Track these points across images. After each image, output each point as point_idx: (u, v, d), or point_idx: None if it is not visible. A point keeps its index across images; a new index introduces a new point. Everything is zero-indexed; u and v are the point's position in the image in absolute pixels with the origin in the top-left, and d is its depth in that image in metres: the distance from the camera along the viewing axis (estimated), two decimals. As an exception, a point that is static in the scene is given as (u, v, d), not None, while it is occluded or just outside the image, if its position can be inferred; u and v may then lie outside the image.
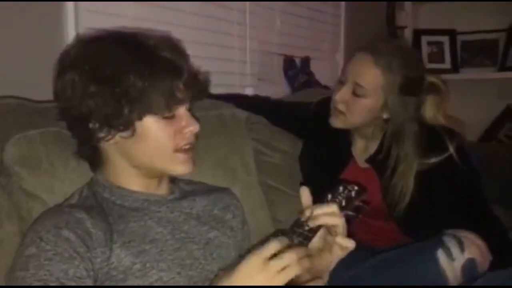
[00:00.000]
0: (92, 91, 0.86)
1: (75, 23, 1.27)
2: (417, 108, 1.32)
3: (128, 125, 0.87)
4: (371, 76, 1.28)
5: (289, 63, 2.08)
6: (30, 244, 0.81)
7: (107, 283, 0.83)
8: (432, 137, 1.30)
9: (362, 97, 1.29)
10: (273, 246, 0.71)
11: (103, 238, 0.85)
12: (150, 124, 0.89)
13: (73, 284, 0.78)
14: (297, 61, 2.11)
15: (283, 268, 0.70)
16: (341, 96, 1.31)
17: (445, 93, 1.34)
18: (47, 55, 1.20)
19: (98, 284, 0.83)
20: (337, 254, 0.86)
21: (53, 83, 0.93)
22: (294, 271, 0.71)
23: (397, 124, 1.31)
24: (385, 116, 1.32)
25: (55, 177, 1.01)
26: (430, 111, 1.32)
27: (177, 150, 0.91)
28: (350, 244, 0.85)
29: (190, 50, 1.00)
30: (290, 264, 0.70)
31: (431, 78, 1.34)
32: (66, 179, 1.02)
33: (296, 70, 2.08)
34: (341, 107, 1.32)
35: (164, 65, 0.89)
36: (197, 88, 0.95)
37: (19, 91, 1.13)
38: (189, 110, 0.94)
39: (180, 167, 0.93)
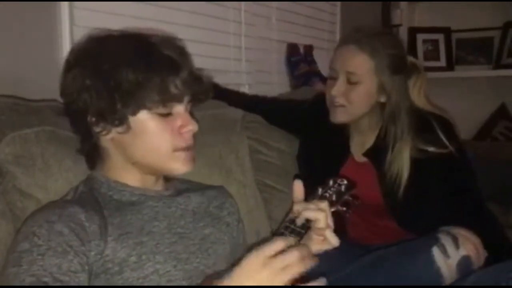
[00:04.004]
0: (87, 85, 0.87)
1: (70, 22, 1.27)
2: (407, 88, 1.36)
3: (122, 120, 0.88)
4: (360, 61, 1.30)
5: (292, 49, 2.09)
6: (23, 239, 0.81)
7: (102, 276, 0.83)
8: (423, 122, 1.32)
9: (357, 83, 1.30)
10: (277, 244, 0.71)
11: (98, 231, 0.85)
12: (145, 121, 0.89)
13: (67, 278, 0.77)
14: (301, 48, 2.12)
15: (286, 266, 0.70)
16: (337, 89, 1.32)
17: (423, 74, 1.38)
18: (41, 54, 1.20)
19: (93, 276, 0.83)
20: (315, 249, 0.86)
21: (60, 80, 0.94)
22: (297, 270, 0.70)
23: (393, 104, 1.33)
24: (382, 99, 1.33)
25: (50, 176, 1.01)
26: (415, 93, 1.37)
27: (176, 149, 0.91)
28: (334, 240, 0.86)
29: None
30: (293, 263, 0.70)
31: (410, 58, 1.39)
32: (60, 178, 1.01)
33: (299, 58, 2.09)
34: (340, 100, 1.33)
35: (161, 60, 0.89)
36: (197, 87, 0.93)
37: (13, 90, 1.12)
38: (189, 111, 0.94)
39: (180, 166, 0.93)
